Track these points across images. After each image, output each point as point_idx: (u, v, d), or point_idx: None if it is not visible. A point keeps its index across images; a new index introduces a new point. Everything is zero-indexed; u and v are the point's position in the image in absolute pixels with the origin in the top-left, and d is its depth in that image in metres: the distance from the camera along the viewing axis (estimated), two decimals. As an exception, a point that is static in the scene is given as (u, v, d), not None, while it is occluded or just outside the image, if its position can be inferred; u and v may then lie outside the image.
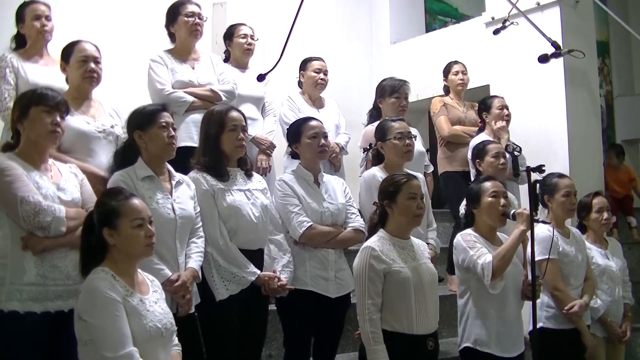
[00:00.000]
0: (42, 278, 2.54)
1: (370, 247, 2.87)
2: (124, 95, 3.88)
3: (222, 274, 2.96)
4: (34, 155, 2.66)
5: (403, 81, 4.35)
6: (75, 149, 3.11)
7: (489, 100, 4.62)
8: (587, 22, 5.29)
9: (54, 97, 2.69)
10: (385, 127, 3.63)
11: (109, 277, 2.22)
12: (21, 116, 2.65)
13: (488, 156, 3.95)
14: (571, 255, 3.62)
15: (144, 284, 2.38)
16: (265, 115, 4.37)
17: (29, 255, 2.54)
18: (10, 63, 3.57)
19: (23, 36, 3.71)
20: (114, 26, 5.03)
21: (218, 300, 2.93)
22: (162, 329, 2.28)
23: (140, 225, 2.30)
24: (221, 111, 3.14)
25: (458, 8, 7.68)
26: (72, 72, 3.24)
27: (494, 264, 3.06)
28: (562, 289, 3.53)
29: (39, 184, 2.60)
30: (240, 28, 4.41)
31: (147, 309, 2.26)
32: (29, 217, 2.51)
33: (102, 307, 2.16)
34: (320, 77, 4.52)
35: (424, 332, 2.84)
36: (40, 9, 3.69)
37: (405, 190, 2.94)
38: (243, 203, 3.04)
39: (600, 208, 3.93)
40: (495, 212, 3.20)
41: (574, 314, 3.48)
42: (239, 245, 3.01)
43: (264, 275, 3.02)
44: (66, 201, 2.64)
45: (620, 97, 7.59)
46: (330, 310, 3.26)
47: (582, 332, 3.53)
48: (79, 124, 3.14)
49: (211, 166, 3.06)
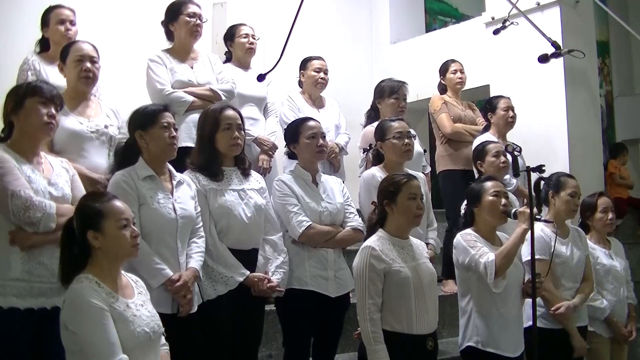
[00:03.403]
0: (28, 274, 2.51)
1: (370, 246, 2.87)
2: (123, 95, 3.88)
3: (210, 274, 2.95)
4: (27, 147, 2.63)
5: (402, 82, 4.35)
6: (68, 149, 3.09)
7: (495, 101, 4.61)
8: (587, 22, 5.30)
9: (50, 90, 2.68)
10: (385, 127, 3.63)
11: (92, 284, 2.16)
12: (16, 107, 2.61)
13: (488, 156, 3.97)
14: (564, 256, 3.58)
15: (128, 286, 2.32)
16: (268, 116, 4.36)
17: (16, 250, 2.51)
18: (32, 66, 3.61)
19: (47, 40, 3.75)
20: (114, 26, 5.03)
21: (205, 300, 2.93)
22: (150, 332, 2.24)
23: (125, 225, 2.25)
24: (216, 110, 3.13)
25: (458, 8, 7.69)
26: (69, 71, 3.23)
27: (497, 262, 3.06)
28: (550, 290, 3.49)
29: (31, 177, 2.57)
30: (240, 28, 4.41)
31: (134, 314, 2.21)
32: (19, 212, 2.48)
33: (88, 317, 2.10)
34: (320, 76, 4.51)
35: (423, 332, 2.84)
36: (64, 14, 3.73)
37: (405, 191, 2.94)
38: (235, 203, 3.03)
39: (605, 208, 3.92)
40: (497, 211, 3.20)
41: (559, 315, 3.46)
42: (230, 246, 2.99)
43: (253, 277, 3.00)
44: (57, 197, 2.62)
45: (620, 97, 7.60)
46: (330, 310, 3.26)
47: (570, 333, 3.49)
48: (71, 124, 3.14)
49: (205, 166, 3.05)
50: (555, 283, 3.54)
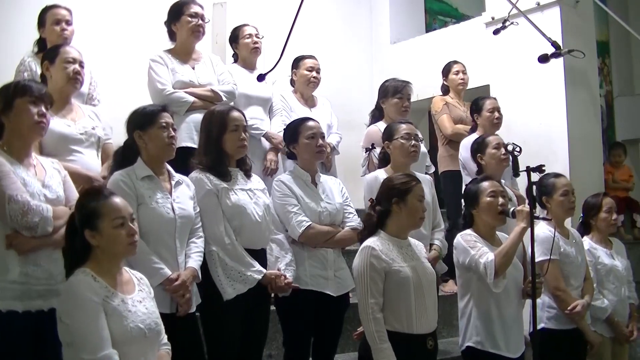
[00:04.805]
0: (26, 277, 2.50)
1: (370, 246, 2.87)
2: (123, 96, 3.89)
3: (229, 273, 2.95)
4: (19, 149, 2.60)
5: (406, 82, 4.35)
6: (58, 152, 3.06)
7: (480, 102, 4.58)
8: (587, 22, 5.29)
9: (39, 89, 2.65)
10: (393, 128, 3.66)
11: (88, 278, 2.17)
12: (5, 108, 2.57)
13: (489, 148, 3.94)
14: (572, 256, 3.60)
15: (130, 282, 2.32)
16: (273, 116, 4.36)
17: (13, 253, 2.49)
18: (29, 67, 3.61)
19: (44, 40, 3.74)
20: (114, 26, 5.04)
21: (225, 300, 2.92)
22: (144, 329, 2.23)
23: (122, 224, 2.24)
24: (222, 111, 3.14)
25: (458, 8, 7.68)
26: (57, 72, 3.18)
27: (496, 262, 3.07)
28: (564, 290, 3.52)
29: (26, 180, 2.54)
30: (244, 29, 4.40)
31: (129, 310, 2.21)
32: (16, 217, 2.46)
33: (80, 309, 2.11)
34: (312, 75, 4.49)
35: (423, 332, 2.84)
36: (60, 14, 3.72)
37: (416, 192, 2.95)
38: (247, 202, 3.04)
39: (610, 208, 3.91)
40: (494, 211, 3.20)
41: (576, 314, 3.47)
42: (243, 245, 3.00)
43: (270, 274, 3.02)
44: (51, 199, 2.60)
45: (620, 97, 7.58)
46: (330, 310, 3.26)
47: (585, 331, 3.52)
48: (60, 127, 3.11)
49: (213, 166, 3.05)
50: (565, 283, 3.55)
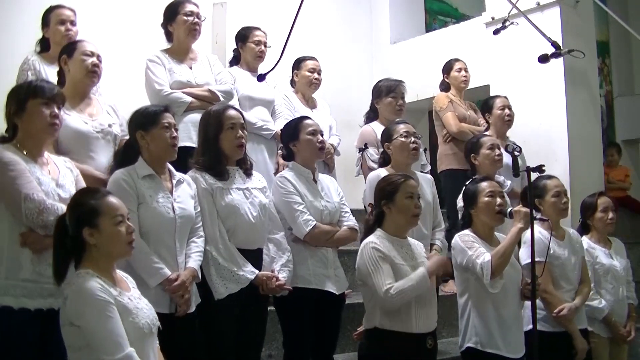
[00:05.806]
0: (38, 275, 2.52)
1: (370, 241, 2.89)
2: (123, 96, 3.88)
3: (221, 272, 2.95)
4: (32, 148, 2.63)
5: (399, 81, 4.34)
6: (74, 149, 3.07)
7: (490, 101, 4.59)
8: (587, 22, 5.29)
9: (51, 89, 2.67)
10: (391, 129, 3.66)
11: (95, 278, 2.16)
12: (19, 110, 2.60)
13: (483, 149, 3.94)
14: (563, 258, 3.57)
15: (123, 281, 2.32)
16: (276, 118, 4.35)
17: (27, 251, 2.52)
18: (32, 66, 3.61)
19: (47, 40, 3.74)
20: (114, 26, 5.03)
21: (217, 299, 2.92)
22: (150, 325, 2.25)
23: (121, 221, 2.25)
24: (218, 110, 3.14)
25: (458, 8, 7.68)
26: (75, 65, 3.18)
27: (493, 263, 3.06)
28: (551, 292, 3.48)
29: (40, 179, 2.57)
30: (255, 33, 4.38)
31: (136, 306, 2.22)
32: (32, 215, 2.49)
33: (95, 310, 2.10)
34: (314, 76, 4.50)
35: (423, 331, 2.85)
36: (65, 14, 3.72)
37: (403, 190, 2.95)
38: (241, 202, 3.03)
39: (606, 208, 3.91)
40: (492, 211, 3.20)
41: (562, 317, 3.45)
42: (237, 245, 3.00)
43: (261, 275, 3.01)
44: (65, 198, 2.61)
45: (620, 97, 7.59)
46: (330, 309, 3.26)
47: (573, 335, 3.47)
48: (77, 123, 3.11)
49: (210, 165, 3.05)
50: (554, 285, 3.53)
